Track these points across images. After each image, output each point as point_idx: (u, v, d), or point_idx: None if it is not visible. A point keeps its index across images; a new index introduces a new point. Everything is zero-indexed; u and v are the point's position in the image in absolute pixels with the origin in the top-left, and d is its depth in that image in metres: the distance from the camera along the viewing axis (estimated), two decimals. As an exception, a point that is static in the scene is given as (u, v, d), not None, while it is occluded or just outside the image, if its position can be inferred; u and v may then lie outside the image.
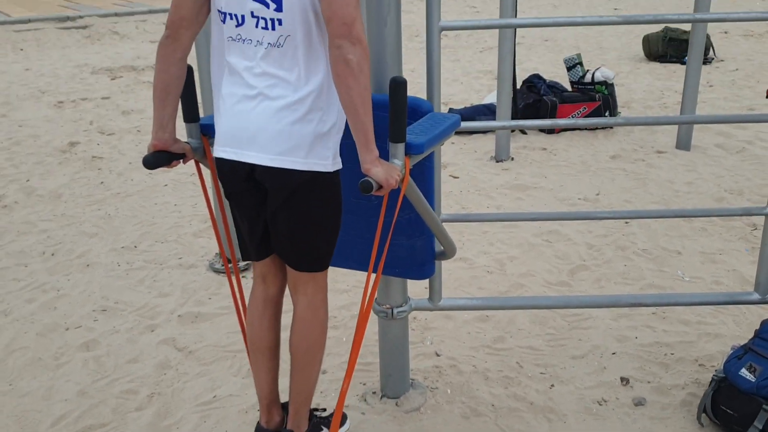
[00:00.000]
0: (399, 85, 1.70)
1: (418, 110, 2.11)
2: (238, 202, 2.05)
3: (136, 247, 4.09)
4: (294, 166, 1.86)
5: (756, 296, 2.59)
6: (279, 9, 1.80)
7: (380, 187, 1.74)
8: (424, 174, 2.17)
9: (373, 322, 3.25)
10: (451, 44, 10.68)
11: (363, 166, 1.75)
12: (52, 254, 3.99)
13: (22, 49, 10.32)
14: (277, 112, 1.85)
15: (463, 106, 6.82)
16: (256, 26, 1.84)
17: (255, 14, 1.83)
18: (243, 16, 1.85)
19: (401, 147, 1.79)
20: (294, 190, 1.90)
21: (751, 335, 3.09)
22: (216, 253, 3.94)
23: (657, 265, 3.77)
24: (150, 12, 13.72)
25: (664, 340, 3.09)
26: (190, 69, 2.00)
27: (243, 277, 3.72)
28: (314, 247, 2.01)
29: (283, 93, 1.85)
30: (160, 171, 5.32)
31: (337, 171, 1.95)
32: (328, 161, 1.91)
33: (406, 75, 7.90)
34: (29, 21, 12.32)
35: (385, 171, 1.74)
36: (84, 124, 6.56)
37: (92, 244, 4.12)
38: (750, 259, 3.81)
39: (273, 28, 1.82)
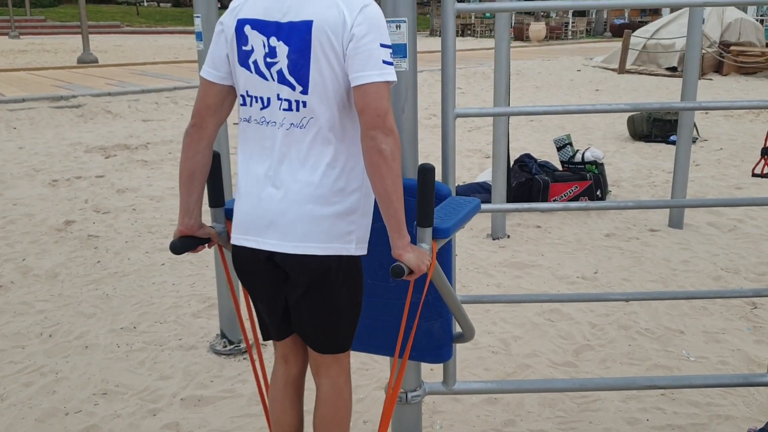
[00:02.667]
0: (427, 171, 1.74)
1: (437, 194, 2.14)
2: (256, 284, 2.02)
3: (135, 327, 4.03)
4: (315, 252, 1.86)
5: (769, 377, 2.59)
6: (305, 92, 1.83)
7: (411, 272, 1.76)
8: (443, 256, 2.19)
9: (380, 406, 3.20)
10: (441, 124, 10.89)
11: (395, 252, 1.77)
12: (50, 335, 3.91)
13: (15, 128, 10.39)
14: (296, 197, 1.85)
15: (456, 184, 6.91)
16: (280, 108, 1.87)
17: (280, 96, 1.86)
18: (269, 99, 1.88)
19: (429, 231, 1.81)
20: (316, 278, 1.89)
21: (761, 417, 3.08)
22: (216, 334, 3.89)
23: (661, 344, 3.77)
24: (142, 92, 13.93)
25: (676, 423, 3.05)
26: (216, 154, 2.03)
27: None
28: (338, 330, 2.00)
29: (302, 176, 1.86)
30: (157, 250, 5.31)
31: (360, 255, 1.95)
32: (351, 245, 1.90)
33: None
34: (23, 100, 12.44)
35: (417, 257, 1.76)
36: (79, 203, 6.55)
37: (90, 324, 4.05)
38: (753, 338, 3.82)
39: (297, 110, 1.85)
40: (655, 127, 9.24)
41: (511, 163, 6.57)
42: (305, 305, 1.95)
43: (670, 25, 18.60)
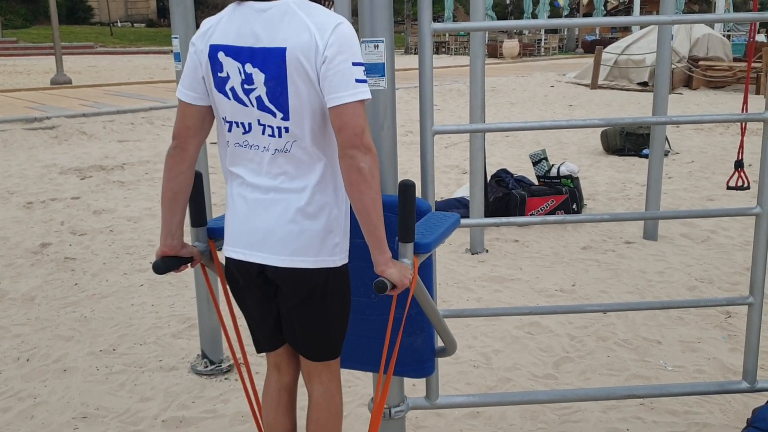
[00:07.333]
0: (408, 187, 1.77)
1: (417, 210, 2.17)
2: (247, 297, 2.06)
3: (114, 350, 3.99)
4: (305, 265, 1.91)
5: (745, 385, 2.64)
6: (286, 118, 1.87)
7: (393, 287, 1.79)
8: (424, 271, 2.22)
9: (364, 422, 3.20)
10: (417, 140, 10.97)
11: (377, 268, 1.80)
12: (27, 360, 3.87)
13: (-12, 150, 10.28)
14: (285, 213, 1.90)
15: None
16: (263, 133, 1.90)
17: (261, 122, 1.89)
18: (250, 124, 1.91)
19: (410, 247, 1.85)
20: (308, 291, 1.94)
21: (738, 423, 3.13)
22: (197, 355, 3.87)
23: (639, 355, 3.82)
24: (117, 112, 13.85)
25: (656, 432, 3.10)
26: (198, 175, 2.05)
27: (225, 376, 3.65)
28: (329, 338, 2.06)
29: (289, 195, 1.90)
30: (135, 272, 5.27)
31: (346, 264, 1.99)
32: (337, 257, 1.96)
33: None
34: (-5, 122, 12.34)
35: (399, 272, 1.80)
36: (55, 225, 6.49)
37: (69, 347, 4.01)
38: (728, 347, 3.88)
39: (280, 135, 1.89)
40: (628, 141, 9.39)
41: (488, 178, 6.64)
42: (297, 315, 2.00)
43: (640, 41, 18.94)
